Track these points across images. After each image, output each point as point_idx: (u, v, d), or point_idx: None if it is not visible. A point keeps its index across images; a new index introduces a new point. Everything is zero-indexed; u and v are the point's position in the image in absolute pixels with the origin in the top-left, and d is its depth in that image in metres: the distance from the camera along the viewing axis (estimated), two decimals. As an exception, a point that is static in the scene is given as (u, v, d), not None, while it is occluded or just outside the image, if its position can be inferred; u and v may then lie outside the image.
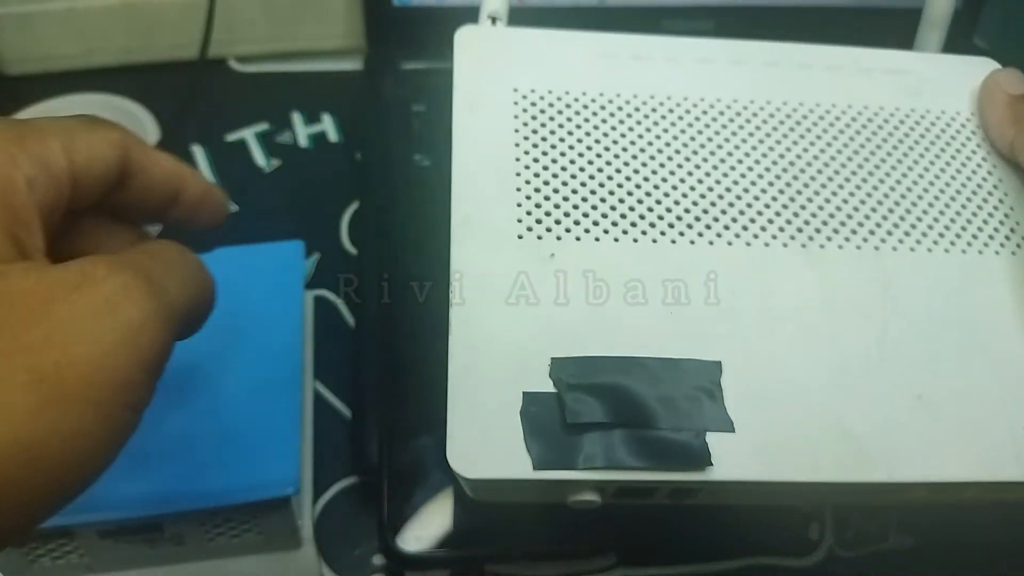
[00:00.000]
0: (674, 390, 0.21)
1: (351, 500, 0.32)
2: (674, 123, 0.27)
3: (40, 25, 0.45)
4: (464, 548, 0.26)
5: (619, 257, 0.24)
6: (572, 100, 0.27)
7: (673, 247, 0.24)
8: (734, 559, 0.31)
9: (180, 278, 0.19)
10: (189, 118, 0.41)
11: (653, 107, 0.27)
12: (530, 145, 0.25)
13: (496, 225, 0.24)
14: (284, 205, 0.41)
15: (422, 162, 0.40)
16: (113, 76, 0.46)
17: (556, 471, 0.20)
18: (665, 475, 0.21)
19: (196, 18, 0.42)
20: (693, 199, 0.25)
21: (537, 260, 0.23)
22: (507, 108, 0.26)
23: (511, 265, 0.23)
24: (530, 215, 0.24)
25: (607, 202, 0.25)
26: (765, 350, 0.23)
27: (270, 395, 0.28)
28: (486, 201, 0.24)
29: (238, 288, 0.30)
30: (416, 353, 0.30)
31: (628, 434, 0.21)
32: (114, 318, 0.16)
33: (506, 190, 0.24)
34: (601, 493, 0.21)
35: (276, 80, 0.48)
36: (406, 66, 0.45)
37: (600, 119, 0.26)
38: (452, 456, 0.20)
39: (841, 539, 0.32)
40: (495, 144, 0.25)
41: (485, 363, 0.22)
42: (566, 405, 0.21)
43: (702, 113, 0.27)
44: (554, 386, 0.21)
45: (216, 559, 0.29)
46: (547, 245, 0.24)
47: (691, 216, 0.25)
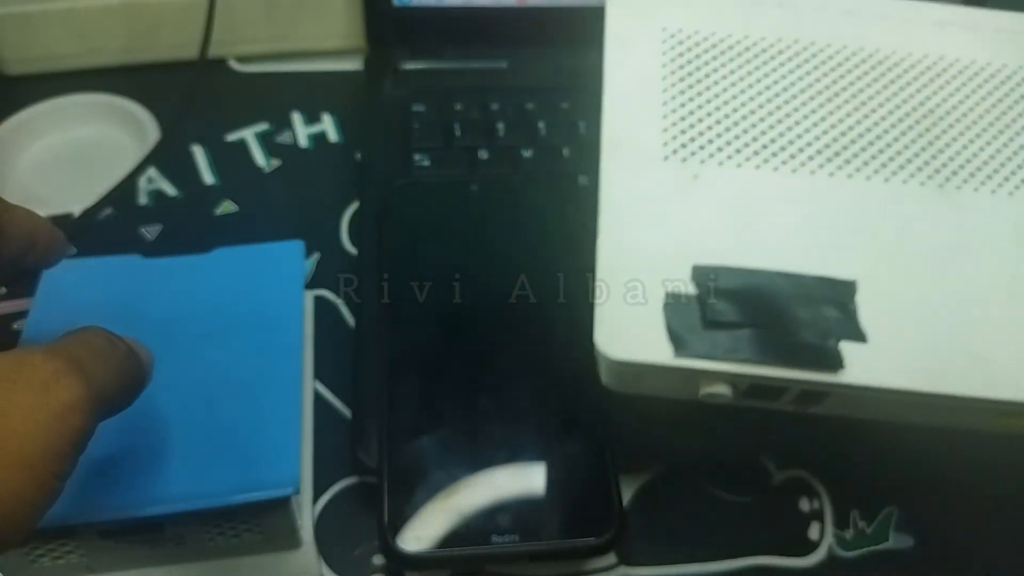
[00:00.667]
0: (809, 301, 0.23)
1: (351, 500, 0.32)
2: (816, 67, 0.29)
3: (40, 25, 0.45)
4: (464, 548, 0.26)
5: (759, 183, 0.26)
6: (718, 40, 0.30)
7: (811, 177, 0.26)
8: (734, 559, 0.31)
9: (107, 366, 0.21)
10: (189, 118, 0.41)
11: (796, 51, 0.29)
12: (676, 79, 0.28)
13: (643, 147, 0.27)
14: (284, 205, 0.41)
15: (422, 162, 0.40)
16: (113, 76, 0.46)
17: (694, 359, 0.22)
18: (797, 374, 0.23)
19: (196, 18, 0.42)
20: (833, 136, 0.27)
21: (681, 179, 0.26)
22: (655, 45, 0.29)
23: (657, 181, 0.26)
24: (675, 139, 0.27)
25: (749, 133, 0.27)
26: (899, 277, 0.25)
27: (270, 395, 0.28)
28: (634, 126, 0.27)
29: (238, 288, 0.30)
30: (416, 353, 0.30)
31: (763, 333, 0.23)
32: (47, 399, 0.18)
33: (653, 117, 0.27)
34: (733, 388, 0.23)
35: (276, 80, 0.48)
36: (406, 66, 0.45)
37: (744, 59, 0.29)
38: (600, 339, 0.23)
39: (841, 539, 0.32)
40: (643, 77, 0.28)
41: (631, 263, 0.24)
42: (706, 304, 0.23)
43: (843, 60, 0.29)
44: (695, 288, 0.23)
45: (216, 559, 0.29)
46: (690, 167, 0.26)
47: (830, 151, 0.27)
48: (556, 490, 0.27)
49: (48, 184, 0.42)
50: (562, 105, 0.43)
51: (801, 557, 0.31)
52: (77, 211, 0.39)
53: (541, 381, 0.29)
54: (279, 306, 0.30)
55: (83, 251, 0.31)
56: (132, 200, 0.41)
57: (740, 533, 0.32)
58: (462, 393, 0.29)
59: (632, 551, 0.31)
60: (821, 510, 0.32)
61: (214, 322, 0.29)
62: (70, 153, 0.43)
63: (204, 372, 0.28)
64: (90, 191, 0.39)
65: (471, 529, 0.26)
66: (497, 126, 0.42)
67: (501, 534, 0.26)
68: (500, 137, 0.41)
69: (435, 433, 0.28)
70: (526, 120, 0.42)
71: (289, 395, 0.28)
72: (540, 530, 0.26)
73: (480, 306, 0.31)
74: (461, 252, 0.33)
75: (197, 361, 0.28)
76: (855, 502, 0.32)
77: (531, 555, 0.26)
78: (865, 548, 0.32)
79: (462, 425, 0.28)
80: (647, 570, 0.31)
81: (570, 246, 0.34)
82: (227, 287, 0.30)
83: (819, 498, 0.33)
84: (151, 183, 0.42)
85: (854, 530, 0.32)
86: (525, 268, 0.32)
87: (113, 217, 0.40)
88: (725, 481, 0.33)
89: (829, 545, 0.32)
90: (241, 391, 0.28)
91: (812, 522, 0.32)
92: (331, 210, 0.41)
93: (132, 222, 0.40)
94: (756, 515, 0.32)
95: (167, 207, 0.41)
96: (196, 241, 0.32)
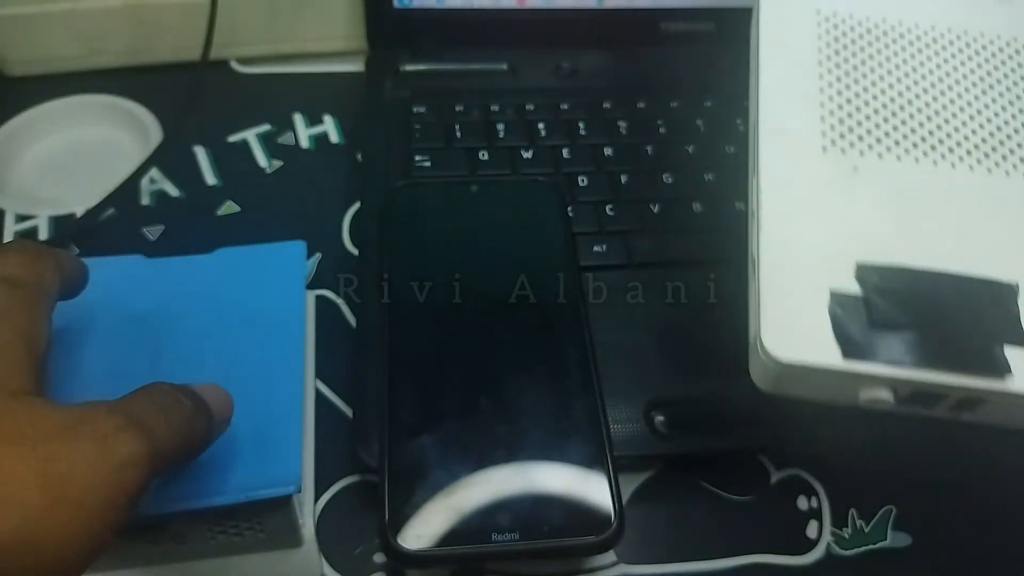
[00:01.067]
0: (973, 304, 0.23)
1: (352, 498, 0.32)
2: (971, 56, 0.28)
3: (43, 26, 0.45)
4: (464, 546, 0.26)
5: (919, 176, 0.25)
6: (872, 25, 0.29)
7: (970, 173, 0.26)
8: (733, 557, 0.31)
9: (169, 423, 0.21)
10: (191, 119, 0.41)
11: (951, 39, 0.28)
12: (832, 65, 0.27)
13: (802, 136, 0.26)
14: (286, 206, 0.41)
15: (423, 163, 0.40)
16: (115, 77, 0.46)
17: (860, 362, 0.22)
18: (964, 380, 0.22)
19: (198, 20, 0.43)
20: (990, 130, 0.27)
21: (841, 171, 0.25)
22: (811, 28, 0.28)
23: (817, 173, 0.25)
24: (833, 129, 0.26)
25: (907, 124, 0.26)
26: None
27: (272, 394, 0.28)
28: (792, 114, 0.26)
29: (240, 288, 0.30)
30: (417, 352, 0.30)
31: (929, 337, 0.22)
32: (107, 452, 0.19)
33: (811, 104, 0.27)
34: (894, 393, 0.22)
35: (278, 82, 0.48)
36: (406, 68, 0.45)
37: (900, 46, 0.28)
38: (767, 340, 0.22)
39: (839, 538, 0.32)
40: (800, 62, 0.27)
41: (794, 261, 0.24)
42: (873, 306, 0.22)
43: (999, 50, 0.28)
44: (860, 288, 0.23)
45: (218, 557, 0.29)
46: (850, 158, 0.26)
47: (987, 146, 0.26)
48: (556, 488, 0.27)
49: (51, 184, 0.42)
50: (561, 106, 0.43)
51: (799, 555, 0.31)
52: (80, 211, 0.40)
53: (540, 380, 0.29)
54: (281, 306, 0.30)
55: (85, 251, 0.31)
56: (135, 200, 0.41)
57: (738, 531, 0.32)
58: (462, 392, 0.29)
59: (631, 549, 0.31)
60: (819, 509, 0.32)
61: (216, 322, 0.29)
62: (73, 154, 0.44)
63: (206, 371, 0.28)
64: (93, 191, 0.40)
65: (471, 527, 0.26)
66: (497, 127, 0.42)
67: (501, 532, 0.26)
68: (500, 138, 0.41)
69: (436, 432, 0.28)
70: (526, 121, 0.42)
71: (291, 394, 0.28)
72: (540, 528, 0.26)
73: (480, 306, 0.31)
74: (461, 252, 0.33)
75: (199, 360, 0.28)
76: (853, 501, 0.33)
77: (531, 553, 0.26)
78: (863, 547, 0.32)
79: (462, 424, 0.28)
80: (646, 568, 0.31)
81: (570, 246, 0.34)
82: (229, 287, 0.30)
83: (817, 497, 0.33)
84: (153, 184, 0.42)
85: (852, 529, 0.32)
86: (525, 268, 0.33)
87: (115, 217, 0.40)
88: (723, 480, 0.33)
89: (827, 543, 0.32)
90: (243, 390, 0.28)
91: (810, 520, 0.32)
92: (332, 210, 0.41)
93: (134, 222, 0.40)
94: (754, 514, 0.32)
95: (169, 207, 0.41)
96: (198, 241, 0.33)
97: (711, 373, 0.33)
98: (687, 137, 0.42)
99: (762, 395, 0.32)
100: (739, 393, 0.32)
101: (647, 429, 0.32)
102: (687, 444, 0.32)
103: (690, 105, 0.44)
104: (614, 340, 0.34)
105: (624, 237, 0.38)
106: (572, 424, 0.29)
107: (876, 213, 0.25)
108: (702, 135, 0.42)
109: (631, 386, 0.33)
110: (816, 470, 0.33)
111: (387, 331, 0.31)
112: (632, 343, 0.34)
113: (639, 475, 0.33)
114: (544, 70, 0.46)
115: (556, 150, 0.41)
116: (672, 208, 0.39)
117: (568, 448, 0.28)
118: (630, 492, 0.32)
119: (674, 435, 0.32)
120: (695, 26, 0.47)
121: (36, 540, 0.18)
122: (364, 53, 0.47)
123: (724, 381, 0.33)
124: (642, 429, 0.32)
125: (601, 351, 0.32)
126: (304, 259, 0.32)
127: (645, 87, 0.45)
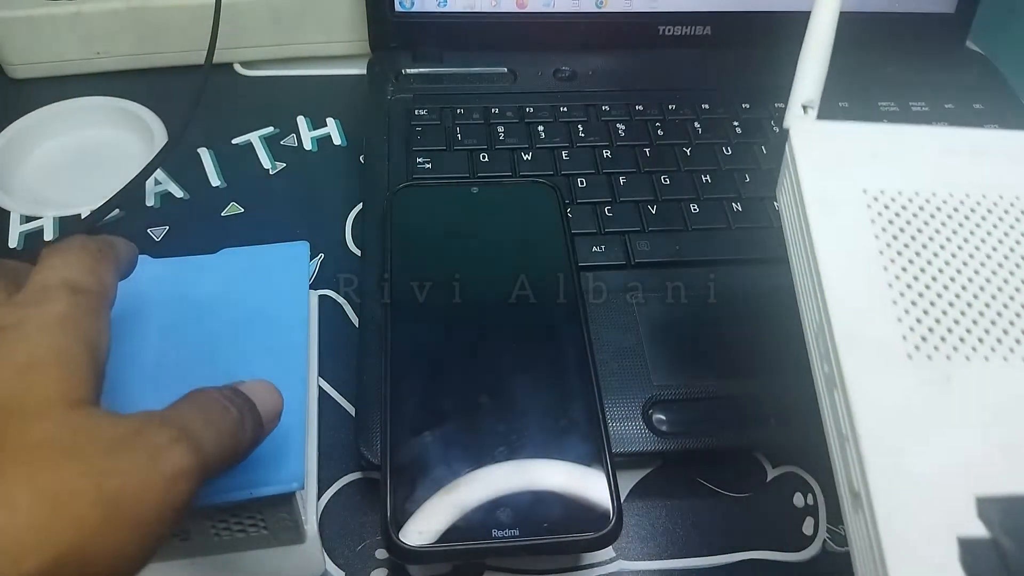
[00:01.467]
0: None
1: (355, 495, 0.32)
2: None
3: (48, 29, 0.45)
4: (465, 542, 0.26)
5: (1014, 377, 0.22)
6: (924, 202, 0.25)
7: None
8: (729, 554, 0.31)
9: (217, 432, 0.21)
10: (196, 122, 0.42)
11: (1005, 207, 0.25)
12: (894, 253, 0.24)
13: (883, 342, 0.22)
14: (289, 207, 0.42)
15: (424, 165, 0.40)
16: (120, 80, 0.47)
17: None
18: None
19: (202, 23, 0.43)
20: None
21: (933, 381, 0.22)
22: (862, 211, 0.25)
23: (908, 387, 0.22)
24: (913, 331, 0.22)
25: (986, 316, 0.23)
26: None
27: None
28: (867, 314, 0.23)
29: (244, 288, 0.31)
30: (419, 351, 0.30)
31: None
32: (160, 464, 0.19)
33: (883, 302, 0.23)
34: None
35: (282, 85, 0.48)
36: (408, 71, 0.45)
37: (956, 222, 0.25)
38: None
39: (835, 534, 0.32)
40: (860, 251, 0.24)
41: (911, 500, 0.20)
42: (1008, 554, 0.19)
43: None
44: (987, 530, 0.20)
45: (221, 554, 0.29)
46: (939, 365, 0.22)
47: None
48: (555, 485, 0.27)
49: (56, 186, 0.42)
50: (561, 109, 0.44)
51: (796, 552, 0.32)
52: (85, 212, 0.40)
53: (540, 379, 0.30)
54: (284, 306, 0.30)
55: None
56: (140, 201, 0.41)
57: (735, 528, 0.32)
58: (463, 391, 0.29)
59: (629, 545, 0.32)
60: (815, 505, 0.33)
61: (220, 321, 0.30)
62: (78, 155, 0.44)
63: (211, 371, 0.29)
64: (98, 193, 0.40)
65: (472, 524, 0.26)
66: (497, 130, 0.42)
67: (501, 529, 0.26)
68: (500, 140, 0.42)
69: (437, 430, 0.28)
70: (525, 124, 0.43)
71: (294, 393, 0.28)
72: (539, 525, 0.27)
73: (481, 306, 0.32)
74: (462, 252, 0.34)
75: (204, 360, 0.29)
76: (849, 499, 0.33)
77: (531, 549, 0.27)
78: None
79: (463, 422, 0.29)
80: (644, 564, 0.31)
81: (569, 246, 0.34)
82: (233, 287, 0.31)
83: (813, 493, 0.33)
84: (158, 185, 0.42)
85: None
86: (525, 268, 0.33)
87: (121, 218, 0.41)
88: (721, 477, 0.33)
89: (823, 540, 0.32)
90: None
91: (807, 517, 0.33)
92: (335, 212, 0.42)
93: (139, 223, 0.40)
94: (751, 510, 0.33)
95: (174, 208, 0.41)
96: (203, 242, 0.33)
97: (709, 372, 0.34)
98: (684, 139, 0.43)
99: (759, 394, 0.33)
100: (736, 392, 0.33)
101: (645, 427, 0.32)
102: (685, 442, 0.32)
103: (687, 108, 0.44)
104: (613, 339, 0.34)
105: (623, 237, 0.38)
106: (571, 422, 0.29)
107: (980, 430, 0.21)
108: (699, 137, 0.43)
109: (630, 385, 0.33)
110: (812, 467, 0.34)
111: (389, 330, 0.31)
112: (631, 342, 0.34)
113: (637, 472, 0.33)
114: (543, 73, 0.46)
115: (555, 152, 0.42)
116: (670, 209, 0.39)
117: (567, 446, 0.28)
118: (628, 489, 0.33)
119: (672, 433, 0.32)
120: (692, 30, 0.47)
121: (90, 555, 0.18)
122: (366, 56, 0.47)
123: (722, 380, 0.33)
124: (640, 427, 0.32)
125: (600, 350, 0.32)
126: (307, 259, 0.32)
127: (643, 90, 0.45)
